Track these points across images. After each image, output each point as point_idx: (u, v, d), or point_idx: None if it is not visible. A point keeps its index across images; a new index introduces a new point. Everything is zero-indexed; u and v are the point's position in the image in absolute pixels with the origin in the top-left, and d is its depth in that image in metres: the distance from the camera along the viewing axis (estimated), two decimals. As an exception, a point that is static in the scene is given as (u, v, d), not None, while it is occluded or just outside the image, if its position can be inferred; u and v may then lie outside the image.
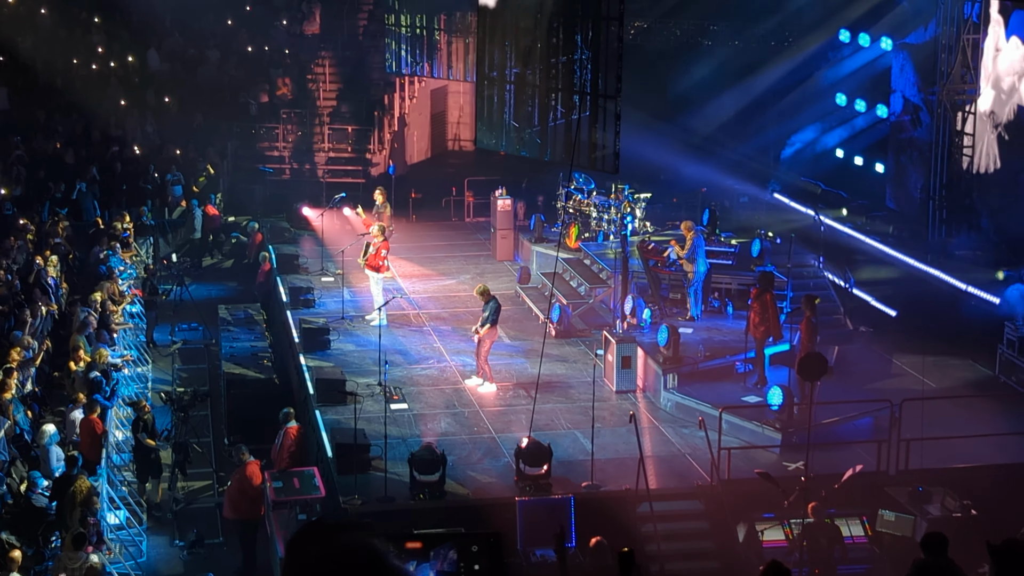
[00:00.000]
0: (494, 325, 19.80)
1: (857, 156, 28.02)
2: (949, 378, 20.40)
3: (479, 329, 19.83)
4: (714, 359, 20.04)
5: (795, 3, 28.19)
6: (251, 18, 36.68)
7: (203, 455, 19.58)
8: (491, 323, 19.69)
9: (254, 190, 31.54)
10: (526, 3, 25.58)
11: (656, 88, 29.26)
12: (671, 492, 16.56)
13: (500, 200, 27.17)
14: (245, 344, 22.09)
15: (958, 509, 15.77)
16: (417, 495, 16.03)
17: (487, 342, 19.78)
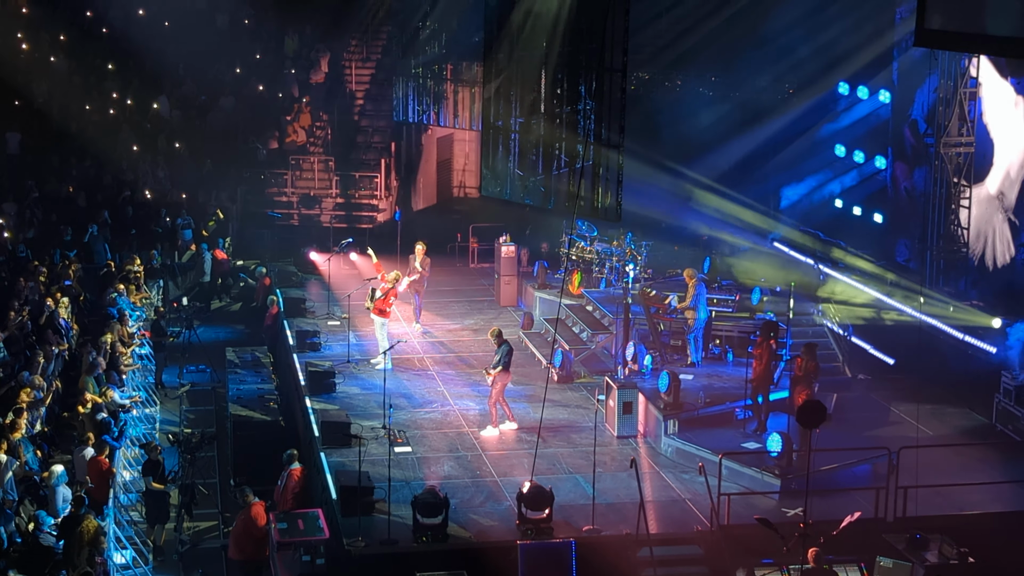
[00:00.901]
0: (506, 369, 20.07)
1: (856, 206, 28.34)
2: (946, 426, 20.60)
3: (490, 371, 20.11)
4: (714, 405, 20.27)
5: (795, 56, 28.60)
6: (261, 66, 37.19)
7: (209, 496, 19.79)
8: (503, 366, 19.96)
9: (263, 235, 31.93)
10: (531, 54, 26.03)
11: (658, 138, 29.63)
12: (671, 537, 16.71)
13: (504, 247, 27.50)
14: (252, 386, 22.34)
15: (955, 557, 15.91)
16: (420, 538, 16.21)
17: (499, 385, 20.03)
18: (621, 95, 22.69)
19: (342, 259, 28.59)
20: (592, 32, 23.81)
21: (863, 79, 27.31)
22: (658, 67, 31.74)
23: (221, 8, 38.09)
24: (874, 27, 26.08)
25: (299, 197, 33.29)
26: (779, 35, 28.36)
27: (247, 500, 16.66)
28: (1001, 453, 19.50)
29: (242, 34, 37.93)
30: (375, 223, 32.96)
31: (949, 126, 23.81)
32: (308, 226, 32.42)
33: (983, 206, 23.58)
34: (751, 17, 28.87)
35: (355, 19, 36.23)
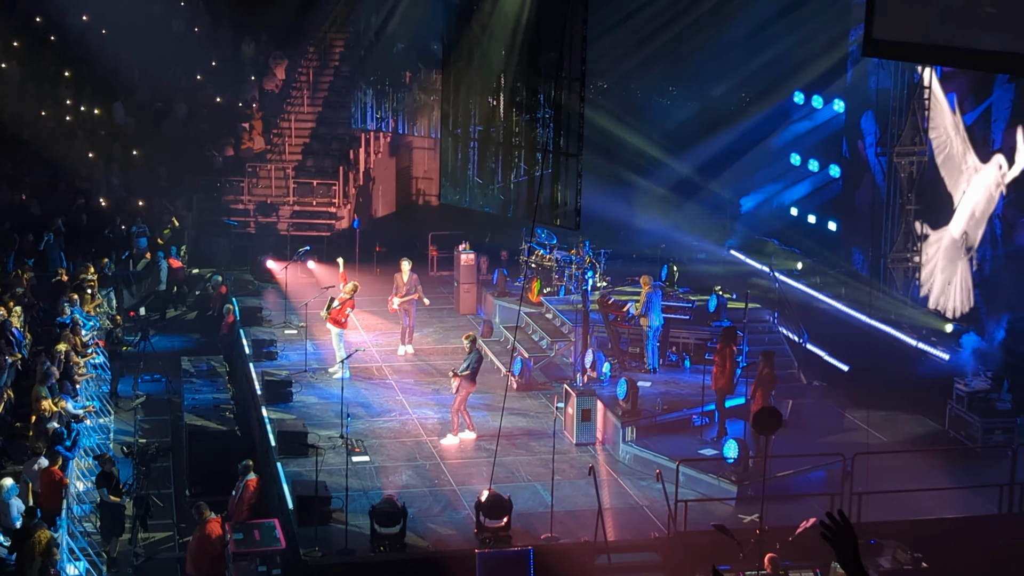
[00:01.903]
0: (473, 377, 20.03)
1: (811, 214, 28.58)
2: (900, 432, 20.79)
3: (457, 373, 20.04)
4: (672, 412, 20.36)
5: (750, 66, 28.84)
6: (217, 72, 37.02)
7: (164, 508, 19.64)
8: (471, 372, 19.92)
9: (219, 243, 31.76)
10: (490, 62, 26.06)
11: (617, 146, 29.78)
12: (629, 544, 16.79)
13: (463, 254, 27.50)
14: (207, 396, 22.19)
15: (909, 562, 16.04)
16: (378, 547, 16.18)
17: (463, 392, 19.99)
18: (580, 103, 22.75)
19: (299, 267, 28.50)
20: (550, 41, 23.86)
21: (817, 88, 27.56)
22: (616, 76, 31.90)
23: (177, 14, 37.88)
24: (828, 37, 26.32)
25: (256, 205, 33.15)
26: (735, 45, 28.60)
27: (203, 516, 16.44)
28: (954, 459, 19.72)
29: (198, 40, 37.73)
30: (333, 231, 32.87)
31: (902, 135, 24.04)
32: (265, 234, 32.28)
33: (948, 252, 23.64)
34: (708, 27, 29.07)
35: (312, 26, 36.15)
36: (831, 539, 5.28)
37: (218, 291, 28.42)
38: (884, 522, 16.92)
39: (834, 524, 5.31)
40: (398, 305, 24.47)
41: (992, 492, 17.80)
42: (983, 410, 20.12)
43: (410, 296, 24.40)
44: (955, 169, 23.43)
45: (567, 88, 23.28)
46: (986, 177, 22.55)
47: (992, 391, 20.32)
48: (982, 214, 22.74)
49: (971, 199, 22.97)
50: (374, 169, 34.56)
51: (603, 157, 28.22)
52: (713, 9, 28.85)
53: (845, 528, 5.22)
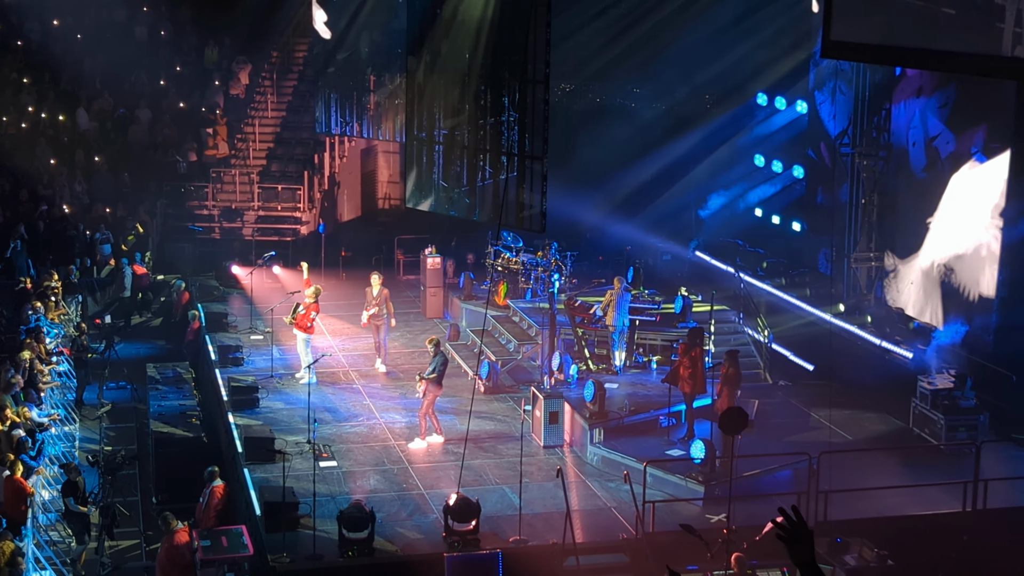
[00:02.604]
0: (439, 380, 20.02)
1: (775, 215, 28.75)
2: (865, 431, 20.93)
3: (423, 377, 20.03)
4: (639, 414, 20.43)
5: (714, 68, 28.99)
6: (181, 78, 36.86)
7: (130, 516, 19.53)
8: (437, 375, 19.91)
9: (183, 248, 31.61)
10: (454, 66, 26.07)
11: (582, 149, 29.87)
12: (597, 546, 16.81)
13: (430, 258, 27.49)
14: (173, 403, 22.10)
15: (875, 560, 16.15)
16: (346, 552, 16.14)
17: (430, 396, 19.98)
18: (544, 106, 22.79)
19: (265, 273, 28.42)
20: (514, 44, 23.90)
21: (781, 90, 27.74)
22: (581, 78, 32.00)
23: (140, 20, 37.68)
24: (791, 39, 26.50)
25: (221, 210, 33.02)
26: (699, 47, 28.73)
27: (171, 526, 16.31)
28: (919, 456, 19.87)
29: (161, 46, 37.56)
30: (298, 236, 32.79)
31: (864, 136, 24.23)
32: (230, 239, 32.16)
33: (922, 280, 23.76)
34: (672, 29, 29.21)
35: (276, 30, 36.06)
36: (785, 538, 5.12)
37: (180, 297, 28.26)
38: (850, 520, 17.04)
39: (789, 522, 5.16)
40: (367, 320, 23.99)
41: (956, 489, 17.94)
42: (947, 408, 20.28)
43: (380, 311, 23.85)
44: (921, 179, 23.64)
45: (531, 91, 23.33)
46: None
47: (956, 389, 20.49)
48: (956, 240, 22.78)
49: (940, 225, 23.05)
50: (339, 174, 34.50)
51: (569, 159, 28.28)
52: (677, 11, 29.00)
53: (800, 526, 5.07)
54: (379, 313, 23.72)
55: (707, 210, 30.70)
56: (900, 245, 24.22)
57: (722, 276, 26.70)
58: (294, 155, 34.68)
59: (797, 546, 5.04)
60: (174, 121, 35.19)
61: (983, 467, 18.18)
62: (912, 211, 23.80)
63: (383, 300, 23.73)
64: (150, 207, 32.65)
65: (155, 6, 38.13)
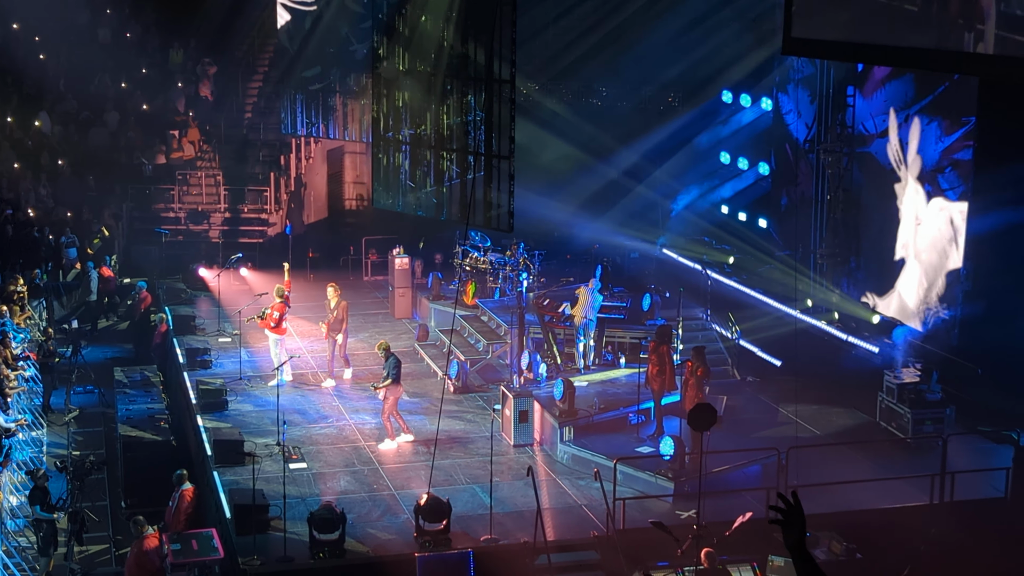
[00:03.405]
0: (396, 382, 20.05)
1: (741, 212, 28.89)
2: (833, 425, 21.06)
3: (379, 385, 20.06)
4: (608, 411, 20.48)
5: (680, 66, 29.12)
6: (145, 80, 36.67)
7: (99, 521, 19.43)
8: (392, 379, 19.93)
9: (150, 251, 31.46)
10: (420, 66, 26.08)
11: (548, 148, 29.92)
12: (568, 543, 16.86)
13: (398, 259, 27.47)
14: (142, 406, 22.00)
15: (843, 553, 16.28)
16: (317, 554, 16.12)
17: (391, 398, 19.98)
18: (510, 106, 22.84)
19: (232, 275, 28.32)
20: (480, 43, 23.94)
21: (745, 87, 27.88)
22: (546, 78, 32.06)
23: (103, 22, 37.47)
24: (755, 36, 26.64)
25: (187, 212, 32.89)
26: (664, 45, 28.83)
27: (141, 531, 16.21)
28: (886, 450, 20.00)
29: (126, 48, 37.35)
30: (265, 237, 32.70)
31: (828, 133, 24.39)
32: (197, 242, 32.04)
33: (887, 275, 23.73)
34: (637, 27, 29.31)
35: (241, 31, 35.94)
36: (781, 521, 5.25)
37: (139, 298, 28.02)
38: (819, 514, 17.09)
39: (786, 505, 5.30)
40: (326, 333, 23.24)
41: (923, 482, 18.09)
42: (913, 401, 20.43)
43: (339, 324, 23.09)
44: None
45: (498, 90, 23.38)
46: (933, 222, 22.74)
47: (922, 383, 20.65)
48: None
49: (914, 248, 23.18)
50: (305, 175, 34.43)
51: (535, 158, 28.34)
52: (642, 9, 29.11)
53: (796, 511, 5.21)
54: (338, 326, 23.03)
55: (674, 208, 30.82)
56: (865, 240, 24.39)
57: (690, 273, 26.81)
58: (260, 157, 34.56)
59: (790, 530, 5.18)
60: (139, 124, 35.01)
61: (950, 460, 18.33)
62: (877, 206, 23.97)
63: (342, 313, 23.02)
64: (115, 210, 32.48)
65: (118, 8, 37.91)
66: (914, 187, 22.81)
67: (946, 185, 21.96)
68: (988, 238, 20.93)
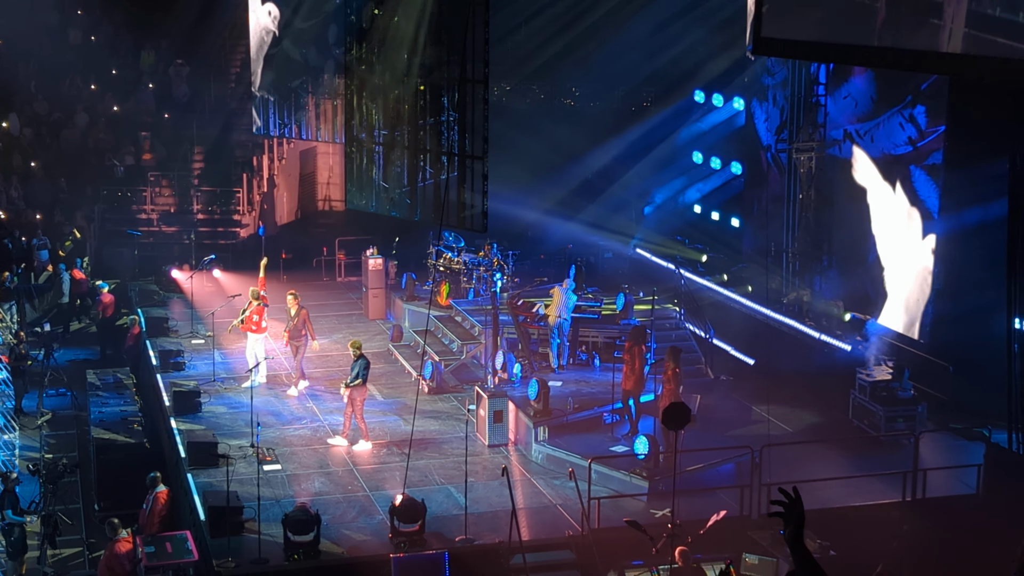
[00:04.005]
0: (364, 383, 20.01)
1: (714, 211, 28.99)
2: (806, 423, 21.16)
3: (348, 384, 20.00)
4: (583, 411, 20.52)
5: (652, 66, 29.20)
6: (117, 81, 36.51)
7: (72, 525, 19.33)
8: (361, 380, 19.88)
9: (122, 253, 31.33)
10: (393, 66, 26.05)
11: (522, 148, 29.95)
12: (543, 543, 16.86)
13: (371, 259, 27.44)
14: (115, 409, 21.91)
15: (817, 550, 16.32)
16: (291, 556, 16.07)
17: (358, 400, 19.96)
18: (484, 106, 22.85)
19: (205, 276, 28.22)
20: (453, 44, 23.94)
21: (717, 87, 27.97)
22: (520, 78, 32.09)
23: (74, 23, 37.28)
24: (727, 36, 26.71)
25: (159, 214, 32.75)
26: (637, 45, 28.91)
27: (116, 533, 16.14)
28: (858, 448, 20.12)
29: (96, 49, 37.17)
30: (238, 239, 32.61)
31: (800, 131, 24.49)
32: (169, 243, 31.91)
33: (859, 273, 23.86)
34: (609, 27, 29.37)
35: (213, 32, 35.82)
36: (782, 514, 5.33)
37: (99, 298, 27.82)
38: (793, 512, 17.18)
39: (788, 499, 5.39)
40: (286, 341, 22.78)
41: (896, 479, 18.20)
42: (885, 399, 20.56)
43: (299, 332, 22.51)
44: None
45: (471, 91, 23.38)
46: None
47: (894, 380, 20.77)
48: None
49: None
50: (278, 176, 34.35)
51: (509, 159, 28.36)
52: (615, 9, 29.18)
53: (796, 504, 5.31)
54: (299, 335, 22.54)
55: (648, 207, 30.91)
56: (837, 239, 24.51)
57: (663, 273, 26.88)
58: (233, 158, 34.46)
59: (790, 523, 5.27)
60: (110, 125, 34.86)
61: (921, 457, 18.46)
62: (848, 205, 24.09)
63: (301, 322, 22.54)
64: (87, 212, 32.33)
65: (89, 9, 37.72)
66: (885, 186, 22.93)
67: (917, 184, 22.09)
68: (958, 237, 21.06)
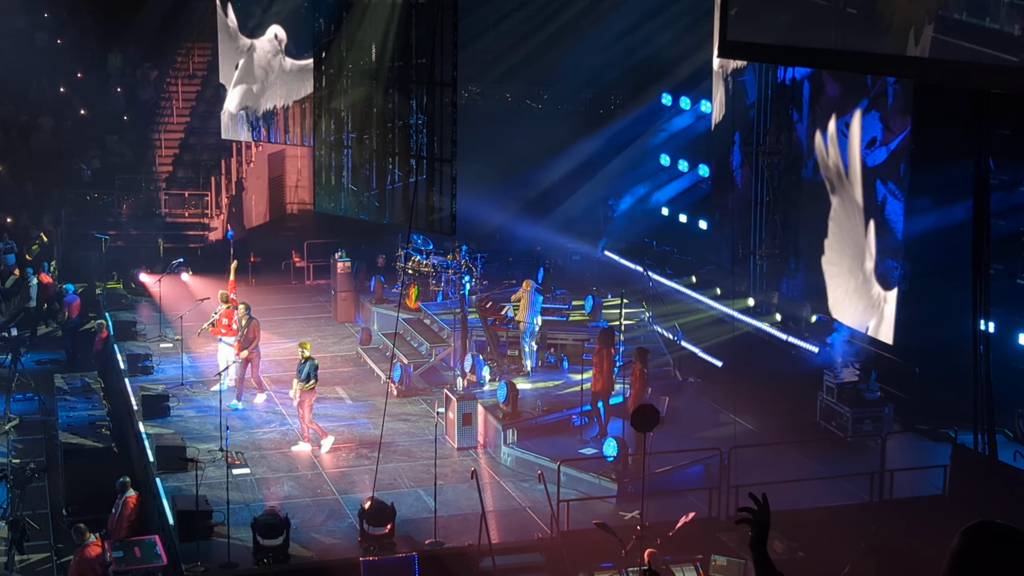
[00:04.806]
0: (312, 386, 19.89)
1: (682, 214, 29.11)
2: (774, 425, 21.25)
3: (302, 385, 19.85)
4: (551, 413, 20.56)
5: (619, 69, 29.29)
6: (84, 84, 36.32)
7: (40, 530, 19.21)
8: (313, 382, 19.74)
9: (90, 257, 31.16)
10: (361, 69, 26.04)
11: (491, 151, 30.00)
12: (513, 546, 16.88)
13: (340, 262, 27.41)
14: (82, 413, 21.78)
15: (785, 551, 16.43)
16: (261, 560, 16.06)
17: (307, 403, 19.87)
18: (452, 109, 22.88)
19: (173, 280, 28.11)
20: (421, 47, 23.96)
21: (685, 90, 28.09)
22: (488, 81, 32.14)
23: (41, 26, 37.06)
24: (694, 39, 26.85)
25: (127, 217, 32.59)
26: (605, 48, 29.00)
27: (84, 538, 16.04)
28: (826, 449, 20.24)
29: (63, 52, 36.97)
30: (206, 242, 32.49)
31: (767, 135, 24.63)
32: (137, 247, 31.76)
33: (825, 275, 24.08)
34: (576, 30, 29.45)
35: (180, 35, 35.69)
36: (750, 520, 5.42)
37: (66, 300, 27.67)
38: (761, 513, 17.27)
39: (756, 505, 5.48)
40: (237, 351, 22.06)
41: (863, 480, 18.34)
42: (852, 400, 20.68)
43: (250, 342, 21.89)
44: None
45: (439, 94, 23.40)
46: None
47: (860, 382, 20.92)
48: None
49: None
50: (247, 179, 34.26)
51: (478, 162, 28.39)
52: (582, 12, 29.26)
53: (764, 511, 5.40)
54: (248, 345, 21.95)
55: (616, 210, 31.00)
56: (804, 241, 24.65)
57: (631, 275, 26.98)
58: (200, 161, 34.34)
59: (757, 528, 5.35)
60: (77, 128, 34.67)
61: (888, 458, 18.60)
62: (815, 208, 24.23)
63: (252, 332, 21.98)
64: (54, 216, 32.15)
65: (56, 12, 37.52)
66: (852, 189, 23.09)
67: (883, 187, 22.25)
68: (924, 239, 21.22)
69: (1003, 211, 19.44)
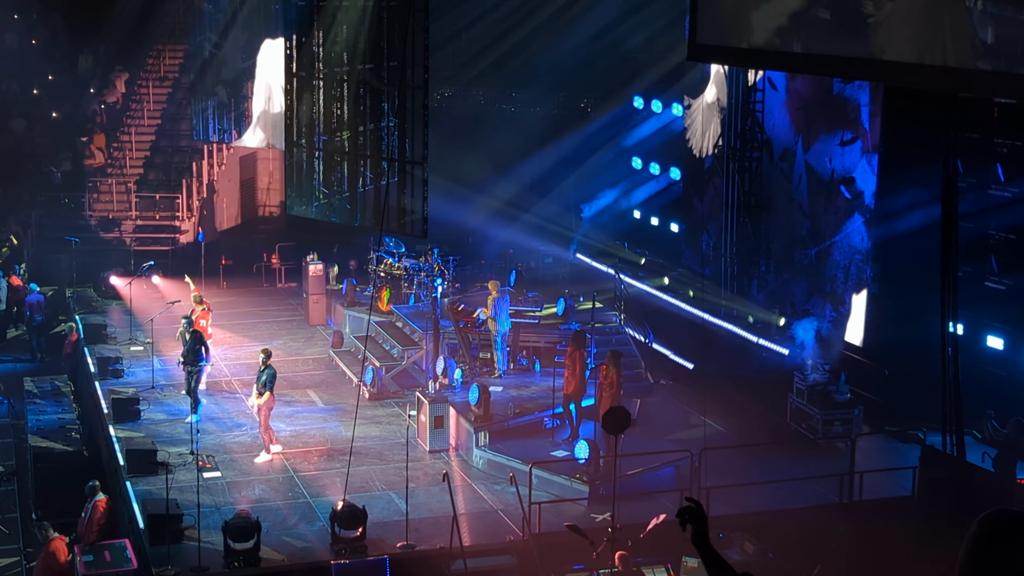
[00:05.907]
0: (271, 393, 19.78)
1: (653, 216, 29.18)
2: (745, 427, 21.32)
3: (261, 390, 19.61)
4: (523, 416, 20.58)
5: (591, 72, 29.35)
6: (54, 86, 36.12)
7: (9, 534, 19.11)
8: (269, 390, 19.66)
9: (60, 260, 30.99)
10: (333, 71, 26.00)
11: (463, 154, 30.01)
12: (484, 548, 16.88)
13: (312, 265, 27.35)
14: (52, 417, 21.68)
15: (756, 553, 16.49)
16: (232, 563, 16.00)
17: (265, 410, 19.73)
18: (424, 112, 22.88)
19: (144, 283, 27.99)
20: (393, 49, 23.94)
21: (656, 93, 28.18)
22: (460, 84, 32.15)
23: (10, 27, 36.84)
24: (665, 43, 26.93)
25: (98, 220, 32.43)
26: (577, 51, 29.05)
27: (47, 535, 16.10)
28: (796, 451, 20.32)
29: (33, 54, 36.76)
30: (177, 245, 32.36)
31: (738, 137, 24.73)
32: (108, 250, 31.61)
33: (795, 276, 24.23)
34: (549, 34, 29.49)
35: (151, 37, 35.54)
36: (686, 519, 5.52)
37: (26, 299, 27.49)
38: (732, 515, 17.36)
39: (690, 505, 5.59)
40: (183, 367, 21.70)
41: (833, 482, 18.42)
42: (822, 402, 20.77)
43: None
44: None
45: (411, 96, 23.39)
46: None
47: (830, 384, 21.01)
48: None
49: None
50: (218, 181, 34.13)
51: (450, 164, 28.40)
52: (554, 16, 29.30)
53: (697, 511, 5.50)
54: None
55: (588, 212, 31.06)
56: (776, 242, 24.76)
57: (603, 277, 27.03)
58: (171, 163, 34.21)
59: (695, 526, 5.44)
60: (47, 131, 34.48)
61: (858, 459, 18.68)
62: (785, 212, 24.35)
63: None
64: (24, 218, 31.96)
65: (26, 14, 37.31)
66: (821, 192, 23.22)
67: (852, 190, 22.38)
68: (893, 242, 21.35)
69: (972, 214, 19.58)
